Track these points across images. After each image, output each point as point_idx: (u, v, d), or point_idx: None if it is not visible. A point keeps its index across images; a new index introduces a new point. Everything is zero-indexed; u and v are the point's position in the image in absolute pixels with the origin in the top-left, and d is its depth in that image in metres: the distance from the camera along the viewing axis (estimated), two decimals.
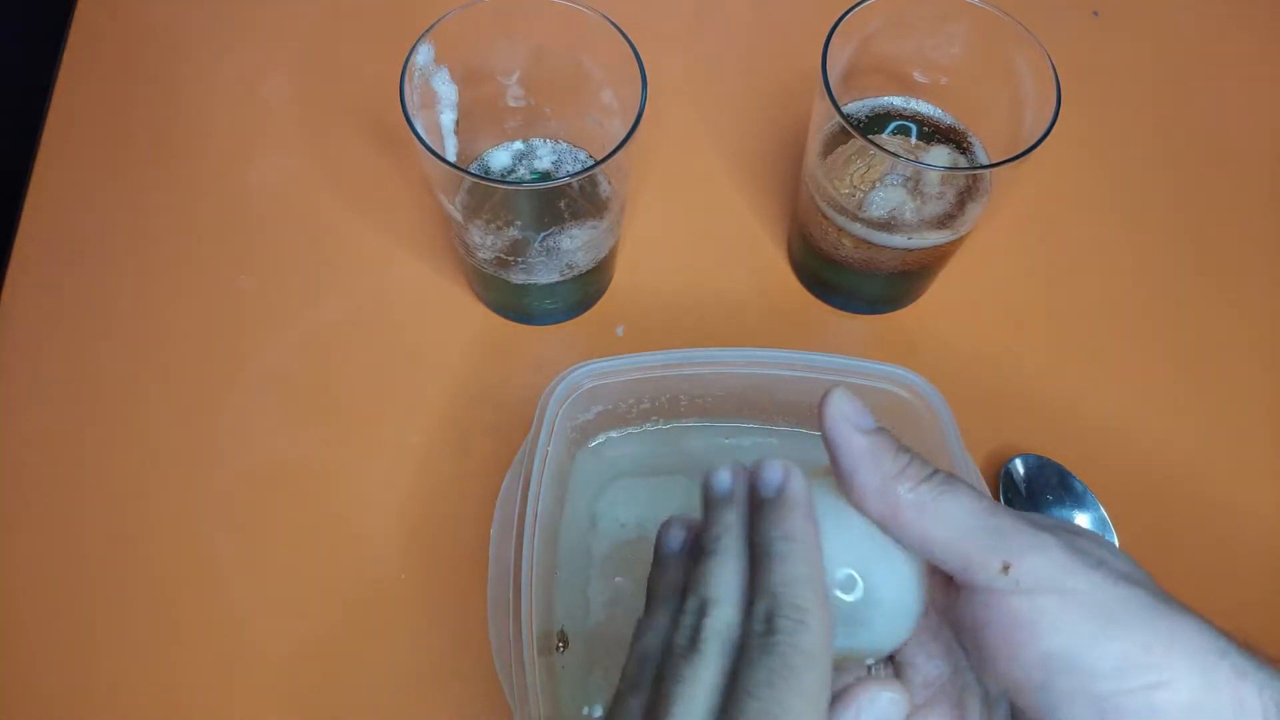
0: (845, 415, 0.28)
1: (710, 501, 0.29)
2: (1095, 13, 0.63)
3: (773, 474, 0.28)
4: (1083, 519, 0.47)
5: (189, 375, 0.50)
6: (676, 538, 0.30)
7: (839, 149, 0.46)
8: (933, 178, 0.45)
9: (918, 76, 0.48)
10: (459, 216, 0.45)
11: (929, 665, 0.29)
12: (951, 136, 0.49)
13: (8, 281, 0.51)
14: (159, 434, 0.48)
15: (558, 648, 0.43)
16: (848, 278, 0.51)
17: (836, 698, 0.26)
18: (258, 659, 0.43)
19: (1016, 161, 0.41)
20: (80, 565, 0.45)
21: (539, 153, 0.50)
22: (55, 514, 0.46)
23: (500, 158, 0.50)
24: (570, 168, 0.49)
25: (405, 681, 0.44)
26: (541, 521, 0.39)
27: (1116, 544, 0.46)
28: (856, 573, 0.28)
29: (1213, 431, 0.50)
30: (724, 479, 0.29)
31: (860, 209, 0.46)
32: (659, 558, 0.30)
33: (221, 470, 0.47)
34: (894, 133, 0.49)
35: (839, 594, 0.27)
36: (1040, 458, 0.48)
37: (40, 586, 0.45)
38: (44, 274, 0.52)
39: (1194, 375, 0.52)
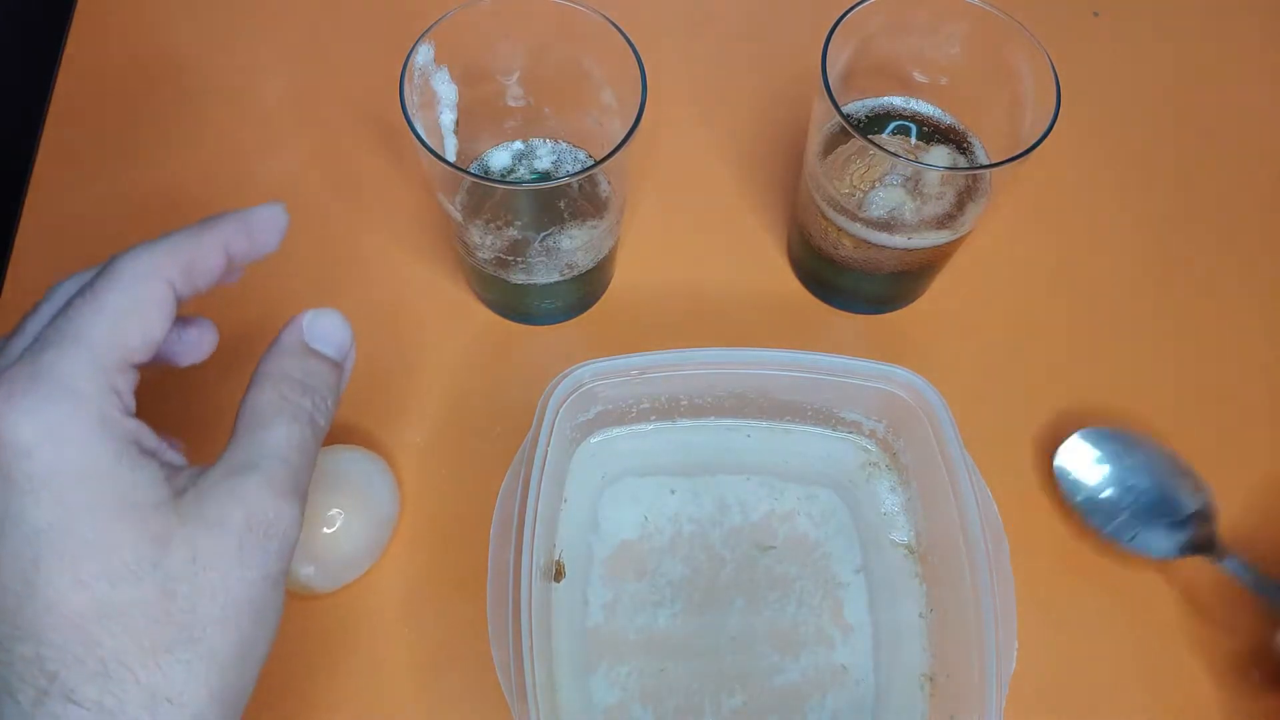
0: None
1: None
2: (1095, 13, 0.63)
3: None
4: None
5: (189, 377, 0.50)
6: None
7: (839, 149, 0.46)
8: (932, 178, 0.45)
9: (918, 76, 0.48)
10: (459, 216, 0.45)
11: None
12: (951, 136, 0.49)
13: (8, 281, 0.51)
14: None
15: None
16: (847, 278, 0.51)
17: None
18: None
19: (1016, 161, 0.41)
20: None
21: (539, 153, 0.50)
22: None
23: (500, 158, 0.50)
24: (570, 168, 0.49)
25: (405, 680, 0.44)
26: (541, 521, 0.39)
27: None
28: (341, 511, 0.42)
29: (1215, 431, 0.50)
30: None
31: (860, 209, 0.46)
32: None
33: None
34: (894, 133, 0.49)
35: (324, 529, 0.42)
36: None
37: None
38: (44, 274, 0.52)
39: (1195, 375, 0.52)
